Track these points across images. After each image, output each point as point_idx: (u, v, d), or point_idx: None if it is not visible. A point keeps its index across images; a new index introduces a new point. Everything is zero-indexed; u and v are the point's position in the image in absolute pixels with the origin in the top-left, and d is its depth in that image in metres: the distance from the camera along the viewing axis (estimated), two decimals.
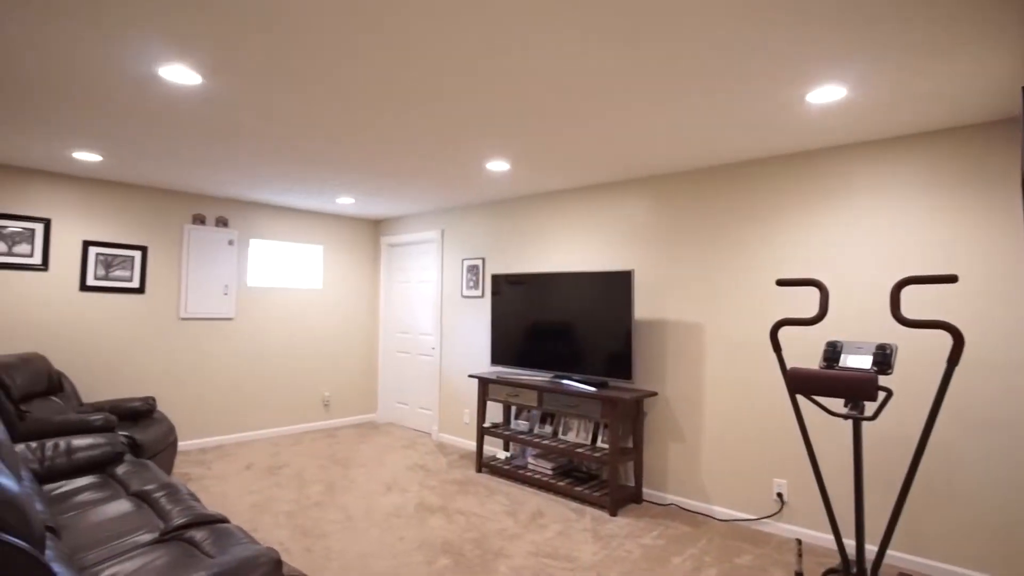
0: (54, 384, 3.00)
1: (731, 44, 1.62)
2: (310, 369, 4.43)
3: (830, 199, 2.61)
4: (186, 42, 1.63)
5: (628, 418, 3.46)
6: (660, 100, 2.06)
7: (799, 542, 2.17)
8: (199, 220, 3.78)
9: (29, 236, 3.14)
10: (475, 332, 4.16)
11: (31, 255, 3.14)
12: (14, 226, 3.10)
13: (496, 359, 3.85)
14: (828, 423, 2.58)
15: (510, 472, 3.70)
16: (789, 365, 2.74)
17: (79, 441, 2.28)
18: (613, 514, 3.08)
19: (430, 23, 1.52)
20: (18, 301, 3.13)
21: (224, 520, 1.73)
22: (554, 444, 3.65)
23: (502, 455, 3.90)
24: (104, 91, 2.03)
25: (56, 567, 1.10)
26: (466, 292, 4.22)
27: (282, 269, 4.26)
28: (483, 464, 3.66)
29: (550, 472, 3.81)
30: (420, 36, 1.59)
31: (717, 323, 2.99)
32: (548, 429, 3.95)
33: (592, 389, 3.42)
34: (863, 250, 2.51)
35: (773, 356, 2.79)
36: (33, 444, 2.19)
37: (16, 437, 2.52)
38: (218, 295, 3.83)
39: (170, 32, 1.57)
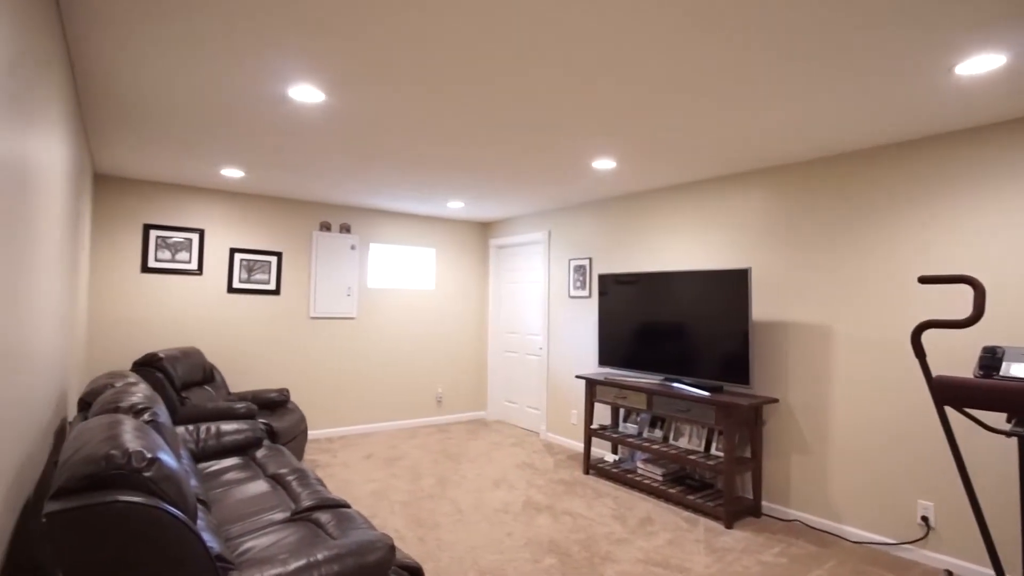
0: (207, 375, 3.39)
1: (865, 16, 1.47)
2: (424, 367, 4.64)
3: (980, 185, 2.29)
4: (312, 63, 1.78)
5: (745, 425, 3.25)
6: (781, 89, 1.92)
7: (949, 573, 1.92)
8: (325, 227, 4.10)
9: (188, 245, 3.58)
10: (582, 332, 4.13)
11: (189, 261, 3.58)
12: (177, 236, 3.55)
13: (604, 360, 3.80)
14: (985, 439, 2.26)
15: (618, 475, 3.63)
16: (934, 373, 2.42)
17: (226, 426, 2.56)
18: (729, 526, 2.92)
19: (543, 29, 1.53)
20: (179, 301, 3.59)
21: (346, 505, 1.85)
22: (665, 449, 3.52)
23: (610, 458, 3.84)
24: (245, 113, 2.26)
25: (205, 536, 1.25)
26: (573, 292, 4.21)
27: (398, 271, 4.50)
28: (590, 466, 3.63)
29: (660, 478, 3.69)
30: (530, 42, 1.60)
31: (846, 324, 2.72)
32: (658, 433, 3.83)
33: (705, 394, 3.26)
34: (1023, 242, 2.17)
35: (914, 362, 2.50)
36: (190, 427, 2.49)
37: (176, 420, 2.88)
38: (342, 296, 4.13)
39: (298, 55, 1.72)
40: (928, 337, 2.44)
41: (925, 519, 2.40)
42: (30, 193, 1.21)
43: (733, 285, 3.17)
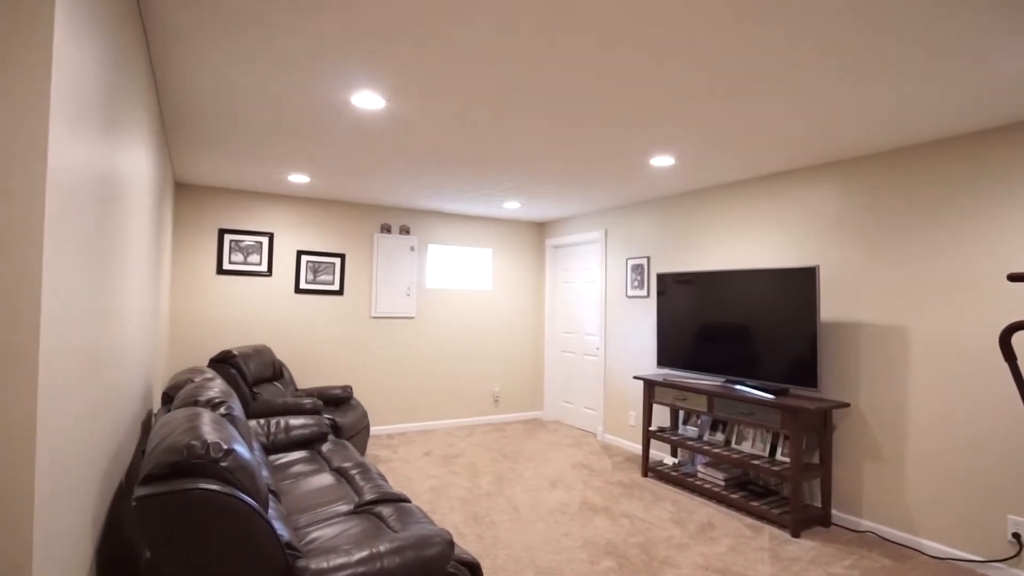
0: (277, 371, 3.56)
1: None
2: (482, 366, 4.69)
3: None
4: (373, 71, 1.84)
5: (813, 431, 3.10)
6: (857, 78, 1.83)
7: None
8: (385, 229, 4.23)
9: (258, 248, 3.77)
10: (640, 333, 4.07)
11: (260, 263, 3.77)
12: (248, 240, 3.75)
13: (662, 361, 3.73)
14: None
15: (677, 479, 3.55)
16: None
17: (295, 421, 2.68)
18: (795, 535, 2.80)
19: (597, 35, 1.52)
20: (251, 301, 3.79)
21: (407, 500, 1.90)
22: (726, 453, 3.43)
23: (669, 460, 3.76)
24: (310, 122, 2.36)
25: (276, 524, 1.31)
26: (631, 292, 4.15)
27: (456, 272, 4.57)
28: (649, 468, 3.56)
29: (722, 483, 3.59)
30: (583, 42, 1.60)
31: (925, 325, 2.55)
32: (720, 437, 3.72)
33: (770, 396, 3.14)
34: None
35: (1001, 365, 2.32)
36: (261, 421, 2.63)
37: (248, 414, 3.04)
38: (402, 296, 4.24)
39: (361, 64, 1.78)
40: (1019, 339, 2.26)
41: (1017, 537, 2.22)
42: (121, 203, 1.31)
43: (799, 284, 3.05)
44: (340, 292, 4.03)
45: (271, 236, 3.81)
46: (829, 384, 3.04)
